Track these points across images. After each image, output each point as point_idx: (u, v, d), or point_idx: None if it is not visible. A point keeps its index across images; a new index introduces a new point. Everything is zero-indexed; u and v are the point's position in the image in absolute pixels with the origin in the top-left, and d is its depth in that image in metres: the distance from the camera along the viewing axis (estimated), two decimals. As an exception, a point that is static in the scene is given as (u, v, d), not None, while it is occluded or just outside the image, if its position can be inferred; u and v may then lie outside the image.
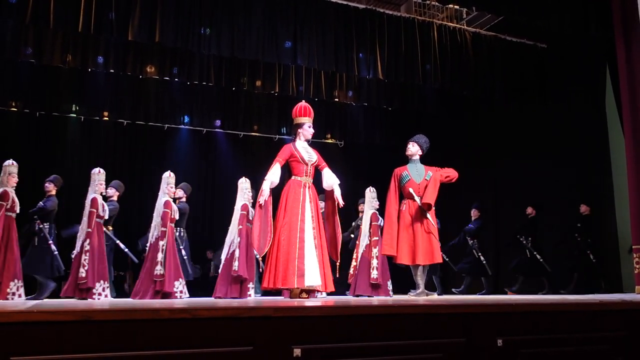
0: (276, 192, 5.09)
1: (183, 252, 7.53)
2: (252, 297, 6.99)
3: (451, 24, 8.94)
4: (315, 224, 4.93)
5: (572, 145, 8.60)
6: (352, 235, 8.67)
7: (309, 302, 3.44)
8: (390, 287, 7.93)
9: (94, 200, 6.67)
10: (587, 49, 8.40)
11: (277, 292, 6.20)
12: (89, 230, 6.55)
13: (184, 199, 8.04)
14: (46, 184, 7.21)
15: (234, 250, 6.89)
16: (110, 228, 7.48)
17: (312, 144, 5.37)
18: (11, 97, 9.80)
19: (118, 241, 7.51)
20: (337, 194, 5.17)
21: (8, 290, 5.97)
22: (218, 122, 11.01)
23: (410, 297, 5.73)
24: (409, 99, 10.35)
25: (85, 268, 6.37)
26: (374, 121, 11.71)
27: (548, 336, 2.93)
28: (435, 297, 5.81)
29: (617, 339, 3.05)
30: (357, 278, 7.83)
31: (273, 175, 5.01)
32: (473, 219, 9.16)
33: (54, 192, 7.17)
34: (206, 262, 10.53)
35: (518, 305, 2.97)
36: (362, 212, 8.37)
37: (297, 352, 2.37)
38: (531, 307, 2.99)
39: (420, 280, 5.68)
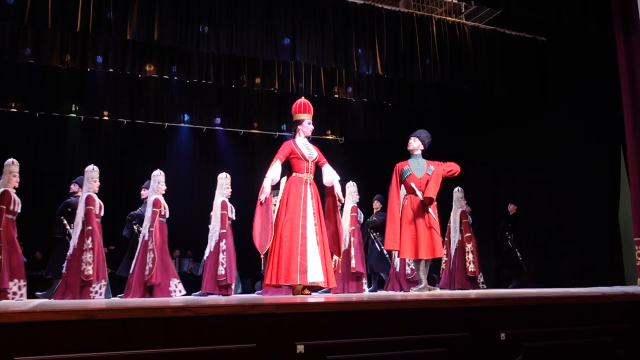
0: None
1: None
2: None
3: (450, 18, 8.92)
4: (317, 220, 4.92)
5: (572, 141, 8.58)
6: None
7: (312, 299, 3.44)
8: (481, 279, 8.24)
9: (223, 203, 7.27)
10: (587, 41, 8.37)
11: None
12: (224, 231, 7.17)
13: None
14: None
15: (347, 249, 7.53)
16: None
17: (313, 140, 5.35)
18: (11, 98, 9.81)
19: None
20: (337, 190, 5.17)
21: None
22: (218, 120, 11.01)
23: (412, 292, 5.72)
24: (409, 94, 10.34)
25: (224, 266, 7.03)
26: (374, 117, 11.69)
27: (551, 329, 2.93)
28: (438, 291, 5.80)
29: (619, 332, 3.05)
30: (454, 272, 8.13)
31: (274, 173, 4.99)
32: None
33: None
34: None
35: (521, 299, 2.97)
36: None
37: (300, 348, 2.37)
38: (534, 301, 2.99)
39: (423, 275, 5.66)
